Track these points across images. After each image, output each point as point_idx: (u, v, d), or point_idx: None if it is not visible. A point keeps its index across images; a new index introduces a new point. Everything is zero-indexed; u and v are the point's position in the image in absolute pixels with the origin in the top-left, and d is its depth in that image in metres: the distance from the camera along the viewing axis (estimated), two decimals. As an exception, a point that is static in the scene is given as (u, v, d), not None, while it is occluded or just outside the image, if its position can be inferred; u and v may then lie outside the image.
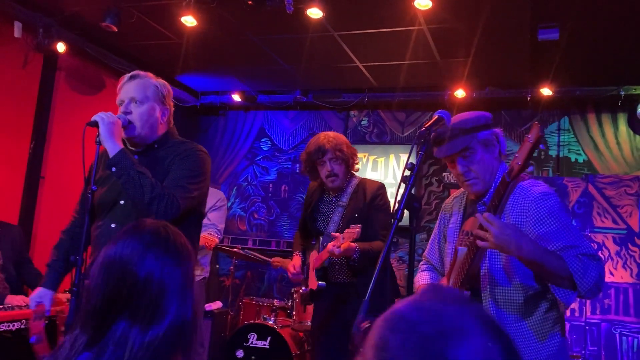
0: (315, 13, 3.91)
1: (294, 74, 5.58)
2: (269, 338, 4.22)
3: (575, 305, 4.70)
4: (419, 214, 2.17)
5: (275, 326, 4.26)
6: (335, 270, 2.96)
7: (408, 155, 1.86)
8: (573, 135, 5.48)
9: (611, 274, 4.69)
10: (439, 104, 5.50)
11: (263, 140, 6.61)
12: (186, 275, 1.18)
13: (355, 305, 1.59)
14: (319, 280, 2.99)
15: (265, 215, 6.43)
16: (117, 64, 5.14)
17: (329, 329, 2.96)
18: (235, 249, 5.05)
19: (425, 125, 1.85)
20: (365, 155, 5.89)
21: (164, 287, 1.12)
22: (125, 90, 2.17)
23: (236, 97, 6.22)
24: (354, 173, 3.08)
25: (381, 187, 2.99)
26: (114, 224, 2.11)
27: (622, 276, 4.67)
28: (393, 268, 3.14)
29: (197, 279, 3.89)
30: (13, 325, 2.97)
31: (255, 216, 6.47)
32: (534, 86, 5.16)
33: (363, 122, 6.23)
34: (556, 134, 5.54)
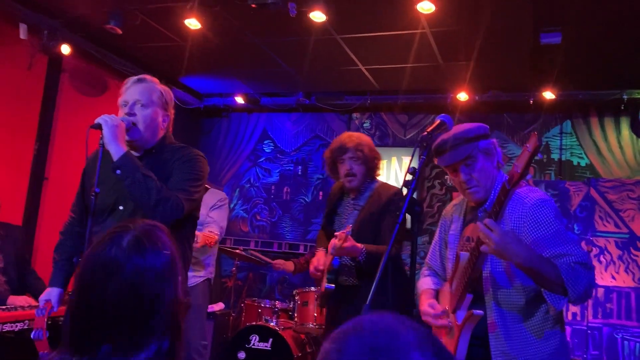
0: (318, 16, 3.93)
1: (297, 77, 5.59)
2: (271, 340, 4.22)
3: (577, 309, 4.70)
4: (420, 217, 2.18)
5: (277, 328, 4.26)
6: (344, 273, 2.93)
7: (410, 159, 1.89)
8: (575, 139, 5.48)
9: (613, 278, 4.69)
10: (442, 107, 5.51)
11: (266, 142, 6.63)
12: (171, 272, 1.12)
13: (358, 309, 1.59)
14: (328, 283, 2.97)
15: (267, 217, 6.44)
16: (121, 66, 5.17)
17: (330, 332, 2.94)
18: (237, 251, 5.06)
19: (428, 130, 1.92)
20: (367, 158, 5.89)
21: (144, 298, 1.06)
22: (131, 92, 2.19)
23: (239, 100, 6.24)
24: (376, 177, 3.02)
25: (398, 193, 2.92)
26: None
27: (624, 280, 4.67)
28: (405, 273, 3.06)
29: (201, 279, 3.91)
30: (16, 326, 2.98)
31: (258, 218, 6.48)
32: (536, 89, 5.16)
33: (365, 125, 6.24)
34: (558, 138, 5.54)
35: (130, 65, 5.22)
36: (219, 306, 5.19)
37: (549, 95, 5.12)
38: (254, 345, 4.25)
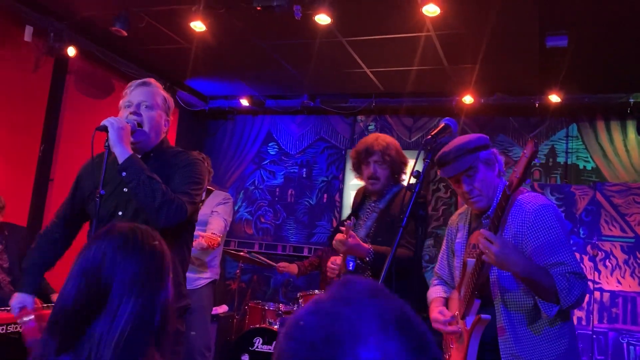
0: (323, 19, 3.93)
1: (302, 79, 5.60)
2: (275, 343, 4.22)
3: (583, 314, 4.67)
4: (425, 221, 2.18)
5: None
6: (359, 274, 2.89)
7: (414, 163, 1.89)
8: (581, 143, 5.45)
9: (619, 282, 4.66)
10: (447, 110, 5.50)
11: (270, 144, 6.63)
12: (151, 273, 1.19)
13: None
14: None
15: (271, 219, 6.44)
16: (127, 68, 5.19)
17: None
18: (241, 253, 5.06)
19: (432, 133, 1.97)
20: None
21: (126, 285, 1.15)
22: (136, 94, 2.20)
23: (244, 102, 6.25)
24: (400, 181, 2.96)
25: (422, 196, 2.76)
26: None
27: (630, 285, 4.64)
28: (424, 278, 2.98)
29: (206, 281, 3.90)
30: (20, 327, 2.98)
31: (262, 220, 6.48)
32: (542, 93, 5.14)
33: (370, 127, 6.24)
34: (564, 141, 5.52)
35: (135, 67, 5.24)
36: (222, 308, 5.19)
37: (554, 98, 5.10)
38: (257, 348, 4.25)
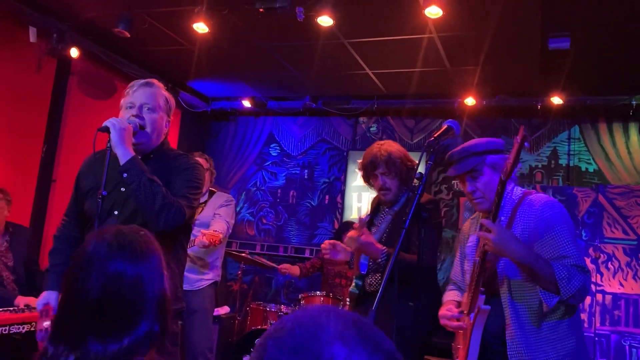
0: (325, 21, 3.93)
1: (304, 81, 5.60)
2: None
3: (585, 316, 4.66)
4: (427, 222, 2.17)
5: (282, 332, 4.25)
6: (369, 277, 2.81)
7: (417, 164, 1.90)
8: (584, 145, 5.45)
9: (621, 285, 4.65)
10: (449, 112, 5.50)
11: (272, 145, 6.63)
12: (142, 275, 1.19)
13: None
14: (354, 288, 2.87)
15: (273, 220, 6.45)
16: (129, 69, 5.19)
17: None
18: (243, 254, 5.06)
19: (434, 135, 1.97)
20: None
21: (122, 289, 1.15)
22: (138, 95, 2.19)
23: (246, 103, 6.25)
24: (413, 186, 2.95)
25: (430, 202, 2.78)
26: None
27: (633, 287, 4.63)
28: (438, 285, 2.95)
29: (208, 282, 3.89)
30: (23, 328, 2.99)
31: (264, 221, 6.49)
32: (544, 95, 5.14)
33: (372, 129, 6.24)
34: (566, 143, 5.51)
35: (138, 68, 5.25)
36: (224, 310, 5.19)
37: (557, 100, 5.09)
38: (259, 349, 4.24)
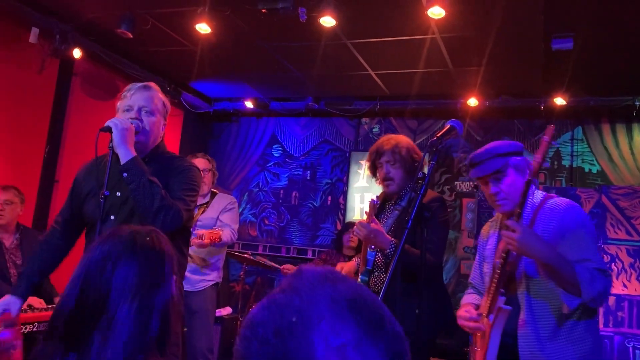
0: (328, 21, 3.92)
1: (306, 82, 5.60)
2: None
3: (588, 317, 4.64)
4: (429, 222, 2.15)
5: (285, 333, 4.24)
6: (374, 277, 2.75)
7: (420, 165, 1.90)
8: (587, 146, 5.43)
9: (624, 286, 4.63)
10: (452, 112, 5.49)
11: (274, 146, 6.63)
12: (146, 277, 1.19)
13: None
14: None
15: (275, 221, 6.44)
16: (132, 69, 5.20)
17: None
18: (245, 255, 5.06)
19: (437, 135, 1.97)
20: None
21: (123, 290, 1.15)
22: (136, 98, 2.19)
23: (249, 104, 6.25)
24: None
25: (435, 200, 2.70)
26: None
27: (636, 288, 4.61)
28: (443, 284, 2.93)
29: (210, 283, 3.89)
30: (26, 328, 2.98)
31: (266, 222, 6.48)
32: (547, 95, 5.13)
33: (375, 130, 6.23)
34: (569, 144, 5.49)
35: (140, 69, 5.25)
36: (226, 310, 5.19)
37: (560, 101, 5.08)
38: (261, 350, 4.23)
